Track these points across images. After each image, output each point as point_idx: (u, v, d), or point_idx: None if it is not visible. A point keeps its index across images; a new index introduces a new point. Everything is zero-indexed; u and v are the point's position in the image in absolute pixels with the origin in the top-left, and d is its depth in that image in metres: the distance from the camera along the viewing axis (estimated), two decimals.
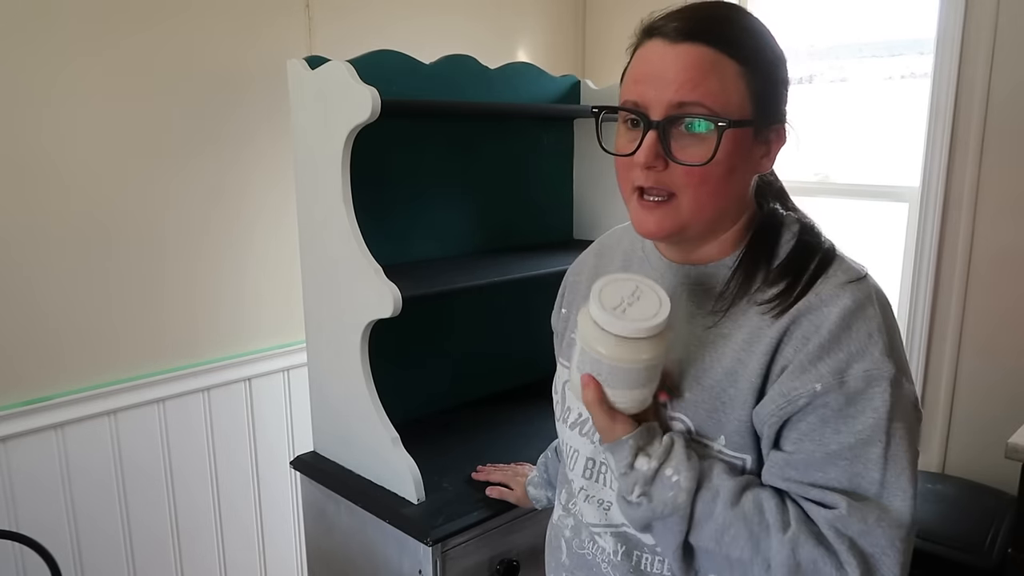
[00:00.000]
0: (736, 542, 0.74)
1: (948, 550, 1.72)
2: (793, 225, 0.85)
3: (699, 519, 0.76)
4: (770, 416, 0.76)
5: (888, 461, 0.73)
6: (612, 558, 0.89)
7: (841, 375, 0.73)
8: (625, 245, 0.98)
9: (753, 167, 0.82)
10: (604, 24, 2.62)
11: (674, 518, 0.76)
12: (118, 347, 1.75)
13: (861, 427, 0.73)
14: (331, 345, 1.51)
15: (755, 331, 0.79)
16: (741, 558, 0.74)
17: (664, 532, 0.78)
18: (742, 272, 0.83)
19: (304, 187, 1.51)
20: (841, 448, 0.73)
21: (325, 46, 1.97)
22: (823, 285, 0.78)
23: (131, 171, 1.71)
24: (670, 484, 0.76)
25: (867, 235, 2.32)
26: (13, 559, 1.62)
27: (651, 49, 0.78)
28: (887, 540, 0.71)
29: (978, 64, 1.93)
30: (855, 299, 0.76)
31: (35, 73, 1.55)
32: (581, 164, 2.06)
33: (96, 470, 1.74)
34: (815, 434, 0.74)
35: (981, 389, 2.04)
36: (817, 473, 0.74)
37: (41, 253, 1.61)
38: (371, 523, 1.45)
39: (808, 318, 0.76)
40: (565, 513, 0.97)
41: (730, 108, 0.76)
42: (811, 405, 0.74)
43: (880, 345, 0.74)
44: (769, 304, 0.79)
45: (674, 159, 0.77)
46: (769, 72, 0.79)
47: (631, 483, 0.78)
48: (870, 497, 0.73)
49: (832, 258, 0.81)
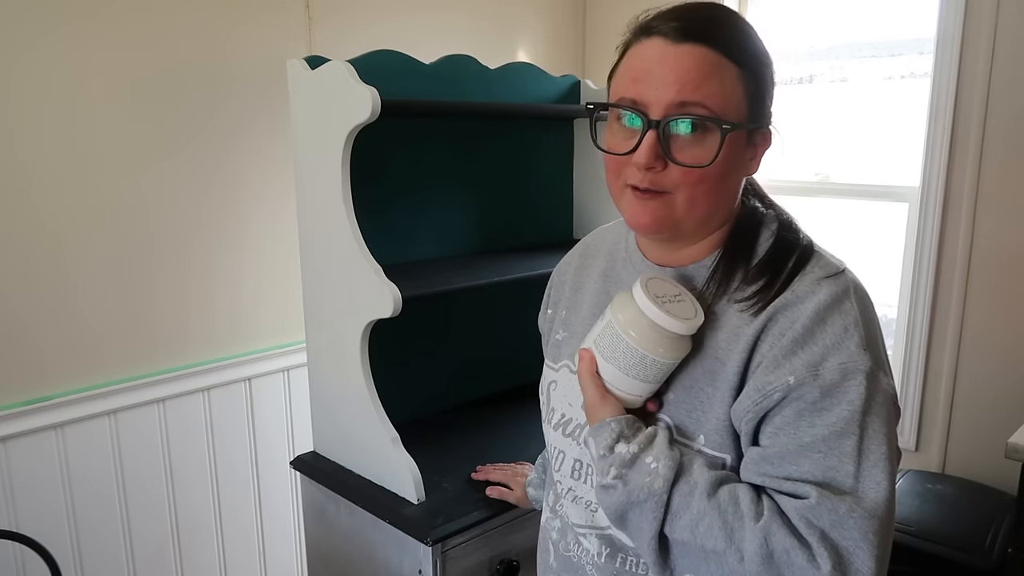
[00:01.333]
0: (711, 531, 0.73)
1: (948, 550, 1.72)
2: (772, 223, 0.85)
3: (676, 510, 0.75)
4: (746, 412, 0.76)
5: (863, 453, 0.72)
6: (596, 560, 0.89)
7: (816, 368, 0.73)
8: (609, 245, 0.98)
9: (744, 169, 0.83)
10: (604, 24, 2.62)
11: (649, 504, 0.75)
12: (118, 347, 1.75)
13: (835, 419, 0.73)
14: (331, 345, 1.51)
15: (734, 330, 0.79)
16: (715, 548, 0.73)
17: (639, 521, 0.77)
18: (721, 271, 0.83)
19: (304, 187, 1.51)
20: (815, 440, 0.73)
21: (325, 46, 1.97)
22: (800, 282, 0.78)
23: (131, 170, 1.71)
24: (648, 470, 0.76)
25: (867, 235, 2.32)
26: (13, 559, 1.62)
27: (650, 48, 0.77)
28: (860, 532, 0.70)
29: (978, 64, 1.93)
30: (831, 293, 0.76)
31: (32, 70, 1.55)
32: (581, 164, 2.05)
33: (96, 470, 1.74)
34: (789, 427, 0.74)
35: (981, 389, 2.04)
36: (791, 466, 0.74)
37: (40, 253, 1.61)
38: (371, 523, 1.45)
39: (784, 314, 0.77)
40: (552, 515, 0.97)
41: (729, 110, 0.76)
42: (786, 399, 0.74)
43: (856, 338, 0.74)
44: (748, 302, 0.80)
45: (674, 160, 0.77)
46: (762, 75, 0.80)
47: (608, 465, 0.78)
48: (845, 490, 0.72)
49: (810, 254, 0.81)
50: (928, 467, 2.13)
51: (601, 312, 0.87)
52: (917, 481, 2.00)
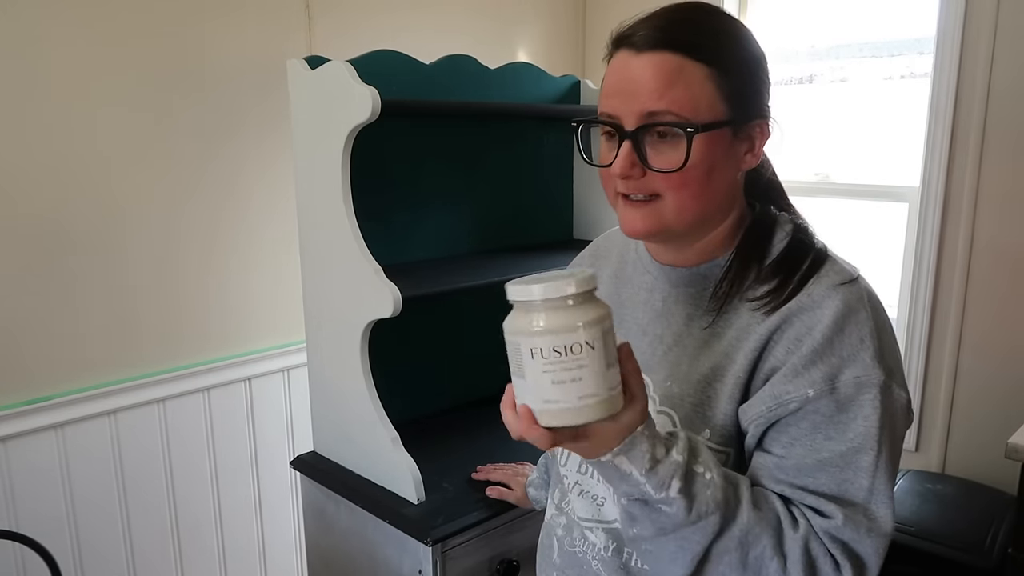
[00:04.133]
0: (759, 540, 0.73)
1: (948, 550, 1.72)
2: (787, 225, 0.86)
3: (726, 521, 0.72)
4: (758, 416, 0.77)
5: (877, 469, 0.74)
6: (602, 554, 0.89)
7: (833, 381, 0.74)
8: (619, 247, 0.99)
9: (736, 164, 0.83)
10: (604, 24, 2.62)
11: (713, 518, 0.71)
12: (118, 347, 1.75)
13: (852, 435, 0.74)
14: (331, 345, 1.52)
15: (744, 328, 0.80)
16: (761, 556, 0.73)
17: (690, 538, 0.72)
18: (735, 270, 0.84)
19: (304, 187, 1.51)
20: (833, 456, 0.74)
21: (325, 46, 1.97)
22: (815, 286, 0.78)
23: (130, 170, 1.71)
24: (705, 481, 0.71)
25: (867, 235, 2.32)
26: (13, 559, 1.62)
27: (620, 60, 0.80)
28: (873, 549, 0.73)
29: (978, 64, 1.93)
30: (847, 302, 0.76)
31: (31, 69, 1.55)
32: (581, 164, 2.05)
33: (96, 470, 1.74)
34: (806, 439, 0.75)
35: (981, 389, 2.04)
36: (808, 479, 0.75)
37: (40, 253, 1.61)
38: (371, 523, 1.45)
39: (800, 319, 0.77)
40: (558, 512, 0.97)
41: (700, 112, 0.77)
42: (802, 410, 0.74)
43: (871, 350, 0.75)
44: (760, 301, 0.80)
45: (649, 167, 0.78)
46: (743, 70, 0.80)
47: (666, 478, 0.69)
48: (858, 503, 0.74)
49: (825, 258, 0.81)
50: (928, 467, 2.13)
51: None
52: (917, 481, 2.00)
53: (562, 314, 0.64)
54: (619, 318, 0.92)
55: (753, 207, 0.88)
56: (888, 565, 0.75)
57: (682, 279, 0.87)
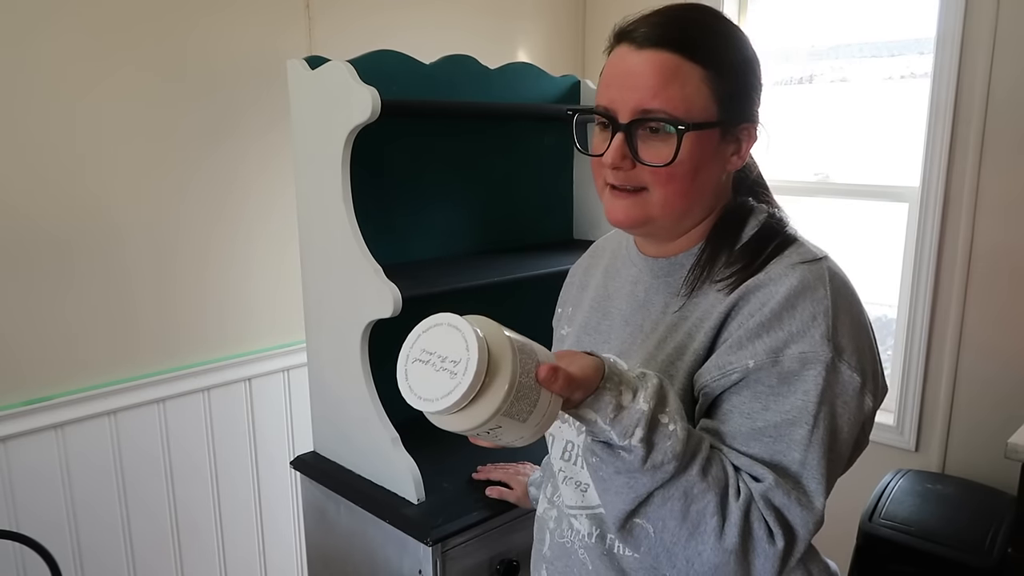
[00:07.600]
0: (704, 496, 0.72)
1: (948, 550, 1.72)
2: (760, 215, 0.88)
3: (679, 471, 0.72)
4: (704, 386, 0.79)
5: (811, 444, 0.75)
6: (587, 540, 0.90)
7: (776, 354, 0.75)
8: (613, 245, 1.03)
9: (722, 164, 0.85)
10: (604, 24, 2.61)
11: (668, 467, 0.71)
12: (118, 347, 1.75)
13: (789, 407, 0.75)
14: (331, 345, 1.52)
15: (708, 308, 0.83)
16: (703, 510, 0.72)
17: (639, 480, 0.72)
18: (706, 255, 0.86)
19: (304, 187, 1.51)
20: (767, 426, 0.75)
21: (325, 46, 1.97)
22: (776, 265, 0.81)
23: (130, 170, 1.71)
24: (668, 432, 0.71)
25: (867, 235, 2.32)
26: (13, 559, 1.62)
27: (620, 55, 0.82)
28: (802, 521, 0.74)
29: (978, 64, 1.93)
30: (803, 280, 0.78)
31: (31, 70, 1.55)
32: (581, 164, 2.05)
33: (96, 470, 1.74)
34: (744, 407, 0.77)
35: (981, 389, 2.04)
36: (742, 446, 0.76)
37: (41, 253, 1.61)
38: (371, 523, 1.45)
39: (756, 295, 0.79)
40: (550, 505, 0.99)
41: (692, 112, 0.79)
42: (744, 380, 0.77)
43: (822, 328, 0.76)
44: (724, 282, 0.82)
45: (640, 160, 0.81)
46: (737, 74, 0.82)
47: (629, 426, 0.70)
48: (789, 474, 0.75)
49: (791, 242, 0.84)
50: (928, 467, 2.13)
51: (599, 307, 0.93)
52: (917, 481, 2.00)
53: (460, 417, 0.67)
54: (605, 310, 0.96)
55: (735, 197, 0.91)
56: (888, 565, 0.76)
57: (662, 269, 0.90)
